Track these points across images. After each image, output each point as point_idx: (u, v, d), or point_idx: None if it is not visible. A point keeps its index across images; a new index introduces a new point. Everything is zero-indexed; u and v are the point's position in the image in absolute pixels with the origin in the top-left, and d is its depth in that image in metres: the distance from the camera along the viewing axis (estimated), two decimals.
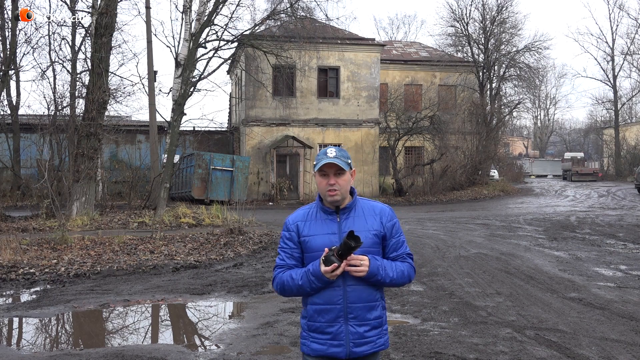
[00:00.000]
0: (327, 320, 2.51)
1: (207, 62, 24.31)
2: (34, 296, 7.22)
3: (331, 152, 2.54)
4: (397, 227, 2.64)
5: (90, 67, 16.76)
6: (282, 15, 22.28)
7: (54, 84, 25.85)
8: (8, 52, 21.21)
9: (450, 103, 32.00)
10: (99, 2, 16.66)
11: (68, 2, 23.14)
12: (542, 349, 4.94)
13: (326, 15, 39.23)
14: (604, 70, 52.75)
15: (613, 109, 51.36)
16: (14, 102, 25.03)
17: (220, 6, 20.31)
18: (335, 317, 2.50)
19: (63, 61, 23.60)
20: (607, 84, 52.39)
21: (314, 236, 2.55)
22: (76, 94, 21.30)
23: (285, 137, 25.51)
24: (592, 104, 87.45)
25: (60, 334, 6.04)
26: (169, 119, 21.24)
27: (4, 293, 7.43)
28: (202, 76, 21.57)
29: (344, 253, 2.34)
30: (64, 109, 22.09)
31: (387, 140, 27.17)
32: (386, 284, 2.54)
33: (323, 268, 2.40)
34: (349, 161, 2.57)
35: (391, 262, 2.57)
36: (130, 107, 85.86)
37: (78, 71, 23.05)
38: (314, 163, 2.58)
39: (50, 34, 23.16)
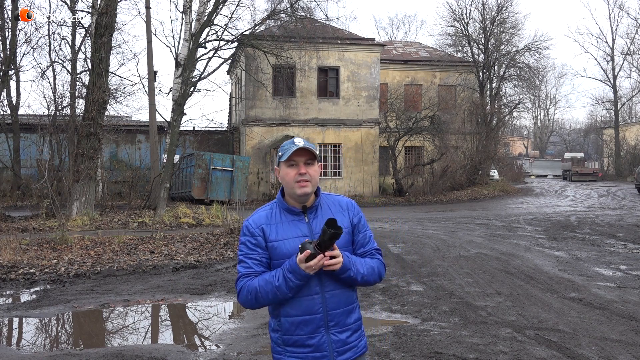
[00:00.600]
0: (308, 332, 2.30)
1: (207, 62, 24.37)
2: (34, 296, 7.22)
3: (299, 141, 2.34)
4: (364, 221, 2.49)
5: (90, 67, 16.77)
6: (282, 15, 22.29)
7: (54, 84, 25.88)
8: (8, 52, 21.23)
9: (450, 103, 32.01)
10: (99, 2, 16.66)
11: (68, 2, 23.15)
12: (542, 349, 4.94)
13: (326, 15, 39.24)
14: (604, 70, 52.82)
15: (613, 109, 51.37)
16: (14, 102, 25.05)
17: (220, 6, 20.32)
18: (315, 327, 2.30)
19: (63, 61, 23.63)
20: (607, 84, 52.44)
21: (283, 241, 2.31)
22: (76, 94, 21.31)
23: (285, 137, 25.51)
24: (592, 104, 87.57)
25: (60, 334, 6.04)
26: (169, 119, 21.25)
27: (4, 293, 7.43)
28: (202, 76, 21.58)
29: (323, 243, 2.14)
30: (64, 109, 22.10)
31: (387, 140, 27.17)
32: (357, 282, 2.35)
33: (299, 257, 2.17)
34: (317, 152, 2.38)
35: (360, 258, 2.39)
36: (130, 107, 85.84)
37: (78, 71, 23.08)
38: (279, 154, 2.34)
39: (50, 34, 23.19)
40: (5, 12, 21.77)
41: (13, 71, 22.51)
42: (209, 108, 77.74)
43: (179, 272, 8.74)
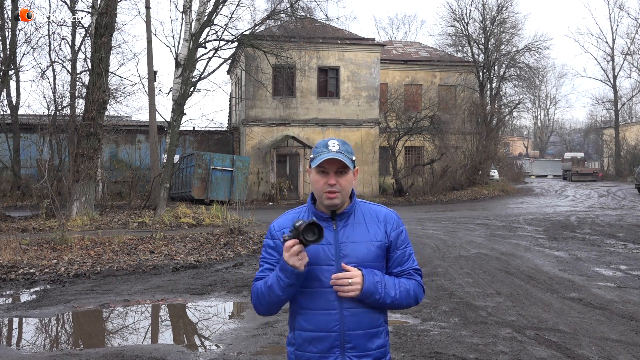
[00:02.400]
0: (320, 351, 2.09)
1: (207, 62, 24.35)
2: (34, 296, 7.22)
3: (334, 144, 2.10)
4: (404, 237, 2.21)
5: (90, 67, 16.77)
6: (282, 15, 22.29)
7: (54, 84, 25.78)
8: (8, 52, 21.24)
9: (450, 103, 32.01)
10: (99, 2, 16.66)
11: (68, 2, 23.15)
12: (542, 349, 4.94)
13: (326, 15, 39.28)
14: (604, 70, 52.83)
15: (613, 109, 51.37)
16: (14, 102, 25.04)
17: (220, 6, 20.32)
18: (329, 347, 2.08)
19: (63, 61, 23.63)
20: (607, 84, 52.45)
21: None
22: (76, 94, 21.30)
23: (285, 137, 25.52)
24: (592, 104, 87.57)
25: (60, 334, 6.04)
26: (169, 119, 21.25)
27: (4, 293, 7.43)
28: (202, 76, 21.59)
29: (296, 237, 1.98)
30: (64, 109, 22.09)
31: (387, 140, 27.17)
32: (386, 306, 2.11)
33: (284, 255, 2.00)
34: (353, 158, 2.14)
35: (394, 278, 2.14)
36: (130, 107, 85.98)
37: (78, 71, 23.07)
38: (311, 156, 2.14)
39: (50, 34, 23.17)
40: (5, 12, 21.77)
41: (13, 71, 22.51)
42: (209, 108, 77.82)
43: (179, 272, 8.74)
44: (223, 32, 21.68)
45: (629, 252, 10.39)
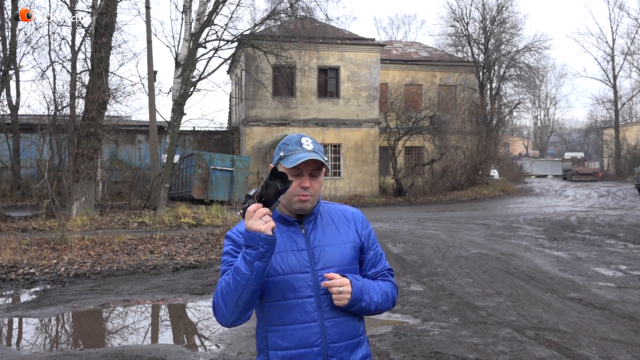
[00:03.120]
0: None
1: (207, 62, 24.45)
2: (34, 296, 7.22)
3: (307, 142, 1.93)
4: (374, 236, 2.10)
5: (90, 67, 16.77)
6: (282, 15, 22.29)
7: (54, 84, 25.94)
8: (8, 52, 21.24)
9: (450, 103, 32.01)
10: (99, 2, 16.66)
11: (68, 2, 23.16)
12: (542, 349, 4.94)
13: (326, 15, 39.23)
14: (604, 70, 52.84)
15: (613, 109, 51.38)
16: (14, 102, 25.06)
17: (220, 6, 20.33)
18: None
19: (63, 61, 23.66)
20: (607, 84, 52.46)
21: (276, 254, 1.90)
22: (76, 94, 21.31)
23: (285, 137, 25.49)
24: (592, 104, 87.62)
25: (60, 334, 6.04)
26: (169, 119, 21.25)
27: (4, 293, 7.43)
28: (202, 76, 21.59)
29: (263, 195, 1.77)
30: (64, 109, 22.12)
31: (387, 140, 27.17)
32: (371, 312, 1.98)
33: (248, 222, 1.77)
34: (325, 158, 1.97)
35: (372, 281, 2.02)
36: (130, 107, 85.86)
37: (78, 71, 23.09)
38: (280, 154, 1.93)
39: (50, 34, 23.21)
40: (5, 12, 21.77)
41: (13, 71, 22.51)
42: (209, 108, 77.76)
43: (179, 272, 8.74)
44: (223, 32, 21.71)
45: (629, 252, 10.39)
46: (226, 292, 1.83)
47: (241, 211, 1.83)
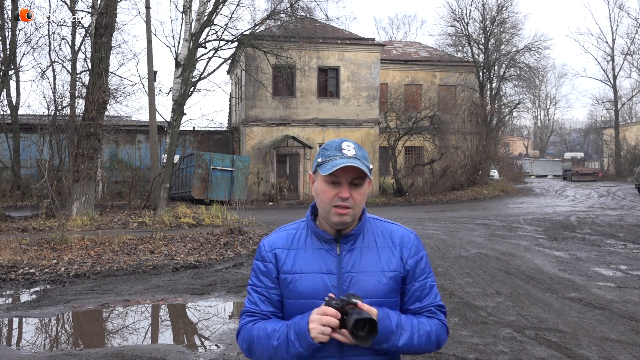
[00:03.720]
0: None
1: (207, 62, 24.44)
2: (34, 296, 7.22)
3: (349, 148, 1.70)
4: (424, 265, 1.79)
5: (90, 67, 16.78)
6: (282, 15, 22.30)
7: (54, 84, 25.93)
8: (8, 52, 21.23)
9: (450, 103, 32.02)
10: (99, 2, 16.67)
11: (68, 2, 23.16)
12: (542, 349, 4.94)
13: (326, 15, 39.26)
14: (604, 70, 52.86)
15: (613, 108, 51.38)
16: (14, 102, 25.07)
17: (220, 6, 20.33)
18: None
19: (63, 61, 23.66)
20: (607, 84, 52.47)
21: (300, 275, 1.72)
22: (76, 94, 21.32)
23: (285, 137, 25.52)
24: (592, 104, 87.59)
25: (60, 334, 6.04)
26: (169, 119, 21.25)
27: (4, 293, 7.43)
28: (202, 76, 21.59)
29: (353, 334, 1.56)
30: (64, 109, 22.12)
31: (387, 140, 27.18)
32: (401, 351, 1.70)
33: (314, 316, 1.59)
34: (371, 166, 1.74)
35: (413, 319, 1.72)
36: (130, 107, 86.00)
37: (78, 71, 23.09)
38: (318, 160, 1.73)
39: (50, 34, 23.23)
40: (5, 12, 21.77)
41: (13, 71, 22.51)
42: (209, 108, 77.79)
43: (179, 272, 8.74)
44: (223, 32, 21.71)
45: (629, 252, 10.39)
46: (257, 352, 1.70)
47: (328, 297, 1.61)
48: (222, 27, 21.78)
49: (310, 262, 1.73)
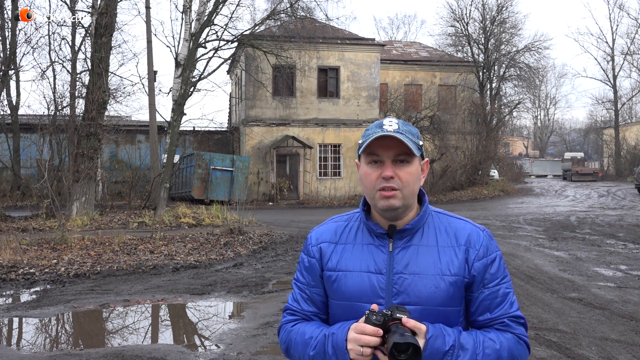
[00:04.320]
0: None
1: (207, 62, 24.40)
2: (34, 296, 7.22)
3: (391, 123, 1.50)
4: (497, 269, 1.54)
5: (90, 67, 16.78)
6: (282, 15, 22.30)
7: (54, 84, 25.90)
8: (8, 52, 21.24)
9: (450, 103, 32.03)
10: (99, 2, 16.67)
11: (68, 2, 23.17)
12: (542, 349, 4.94)
13: (326, 15, 39.26)
14: (604, 70, 52.85)
15: (613, 109, 51.39)
16: (14, 102, 25.07)
17: (220, 6, 20.34)
18: None
19: (63, 61, 23.67)
20: (607, 84, 52.47)
21: (345, 273, 1.52)
22: (76, 94, 21.33)
23: (285, 137, 25.52)
24: (592, 104, 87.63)
25: (60, 334, 6.04)
26: (169, 119, 21.26)
27: (4, 293, 7.43)
28: (202, 76, 21.60)
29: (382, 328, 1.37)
30: (64, 109, 22.11)
31: None
32: None
33: (353, 334, 1.39)
34: (421, 143, 1.54)
35: (476, 333, 1.46)
36: (130, 107, 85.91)
37: (78, 71, 23.10)
38: (360, 142, 1.54)
39: (50, 34, 23.24)
40: (5, 12, 21.78)
41: (13, 71, 22.52)
42: (209, 108, 77.87)
43: (179, 272, 8.74)
44: (223, 32, 21.72)
45: (629, 252, 10.39)
46: (293, 355, 1.57)
47: (368, 312, 1.39)
48: (222, 27, 21.82)
49: (358, 259, 1.53)
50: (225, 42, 21.96)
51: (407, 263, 1.49)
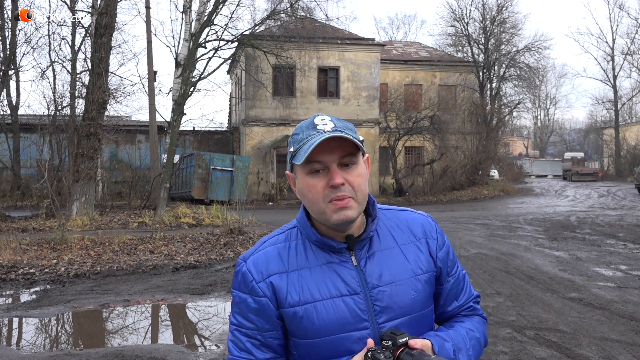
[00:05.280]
0: None
1: (207, 62, 24.43)
2: (34, 296, 7.22)
3: (324, 122, 1.27)
4: (452, 254, 1.45)
5: (90, 67, 16.77)
6: (282, 15, 22.31)
7: (54, 84, 25.88)
8: (8, 52, 21.25)
9: (450, 103, 32.03)
10: (99, 2, 16.67)
11: (68, 2, 23.16)
12: (542, 349, 4.94)
13: (326, 15, 39.21)
14: (604, 70, 52.88)
15: (613, 108, 51.39)
16: (14, 102, 25.07)
17: (220, 6, 20.34)
18: None
19: (63, 61, 23.66)
20: (607, 84, 52.49)
21: (315, 304, 1.28)
22: (76, 94, 21.33)
23: (285, 137, 25.52)
24: (592, 104, 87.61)
25: (60, 334, 6.04)
26: (169, 119, 21.26)
27: (4, 293, 7.43)
28: (202, 76, 21.59)
29: None
30: (64, 109, 22.12)
31: (387, 140, 27.18)
32: None
33: None
34: (361, 138, 1.31)
35: (458, 329, 1.38)
36: (130, 107, 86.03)
37: (78, 71, 23.09)
38: (292, 151, 1.30)
39: (50, 34, 23.24)
40: (5, 12, 21.79)
41: (13, 71, 22.53)
42: (209, 108, 77.90)
43: (179, 272, 8.74)
44: (223, 32, 21.72)
45: (629, 252, 10.39)
46: None
47: (369, 353, 1.21)
48: (222, 27, 21.82)
49: (322, 283, 1.28)
50: (225, 42, 21.97)
51: (379, 274, 1.31)
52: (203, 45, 21.07)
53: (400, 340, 1.21)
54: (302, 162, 1.24)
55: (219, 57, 34.19)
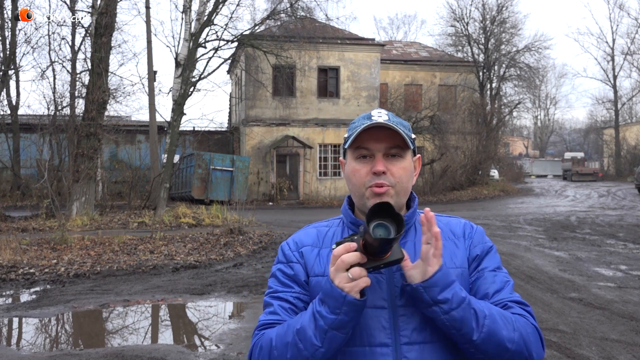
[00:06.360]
0: None
1: (207, 62, 24.50)
2: (34, 296, 7.22)
3: (380, 114, 1.34)
4: (493, 256, 1.46)
5: (90, 67, 16.77)
6: (282, 15, 22.31)
7: (54, 84, 25.92)
8: (8, 52, 21.25)
9: (450, 103, 32.02)
10: (99, 2, 16.66)
11: (68, 2, 23.15)
12: None
13: (326, 15, 39.20)
14: (604, 70, 52.88)
15: (613, 108, 51.39)
16: (14, 102, 25.07)
17: (220, 6, 20.35)
18: None
19: (63, 61, 23.66)
20: (607, 84, 52.49)
21: None
22: (76, 94, 21.32)
23: (285, 137, 25.52)
24: (592, 104, 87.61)
25: (60, 334, 6.04)
26: (169, 119, 21.26)
27: (4, 293, 7.43)
28: (202, 76, 21.60)
29: (369, 247, 1.16)
30: (64, 109, 22.10)
31: None
32: (487, 344, 1.22)
33: (332, 271, 1.19)
34: (413, 136, 1.39)
35: (494, 308, 1.28)
36: (130, 107, 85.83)
37: (78, 71, 23.09)
38: (345, 136, 1.39)
39: (50, 34, 23.30)
40: (5, 12, 21.79)
41: (13, 71, 22.53)
42: (209, 108, 77.87)
43: (179, 272, 8.74)
44: (223, 32, 21.72)
45: (629, 252, 10.39)
46: (278, 355, 1.25)
47: (334, 246, 1.21)
48: (222, 27, 21.83)
49: None
50: (225, 42, 21.97)
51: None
52: (203, 45, 21.07)
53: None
54: (350, 146, 1.35)
55: (219, 57, 34.34)
